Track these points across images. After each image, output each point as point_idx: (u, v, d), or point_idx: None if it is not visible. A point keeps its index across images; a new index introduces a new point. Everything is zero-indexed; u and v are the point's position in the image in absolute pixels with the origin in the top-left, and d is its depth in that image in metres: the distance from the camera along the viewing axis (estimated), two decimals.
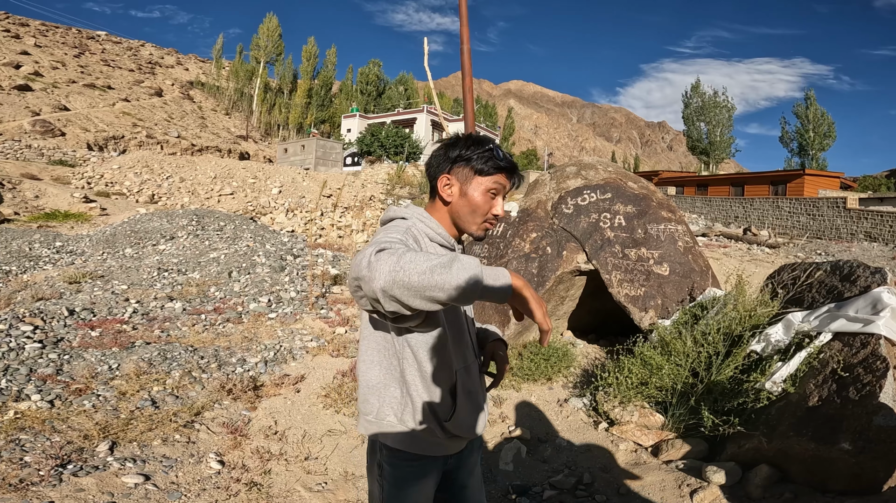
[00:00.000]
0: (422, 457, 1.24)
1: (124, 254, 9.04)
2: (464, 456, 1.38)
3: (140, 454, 2.80)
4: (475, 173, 1.25)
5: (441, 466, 1.30)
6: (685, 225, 4.53)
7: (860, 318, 2.38)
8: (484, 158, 1.24)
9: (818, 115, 36.34)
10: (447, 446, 1.27)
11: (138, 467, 2.66)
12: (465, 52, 8.63)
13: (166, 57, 67.41)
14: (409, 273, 0.90)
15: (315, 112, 51.58)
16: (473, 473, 1.43)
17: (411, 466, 1.24)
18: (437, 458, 1.27)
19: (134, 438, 2.93)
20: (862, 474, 2.01)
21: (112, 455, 2.72)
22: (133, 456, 2.76)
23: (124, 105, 38.71)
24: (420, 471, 1.25)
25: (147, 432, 3.03)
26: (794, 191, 25.96)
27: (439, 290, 0.90)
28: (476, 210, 1.25)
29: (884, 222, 19.53)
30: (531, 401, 3.97)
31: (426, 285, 0.90)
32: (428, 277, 0.90)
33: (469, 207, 1.25)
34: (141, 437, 2.96)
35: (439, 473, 1.30)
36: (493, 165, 1.24)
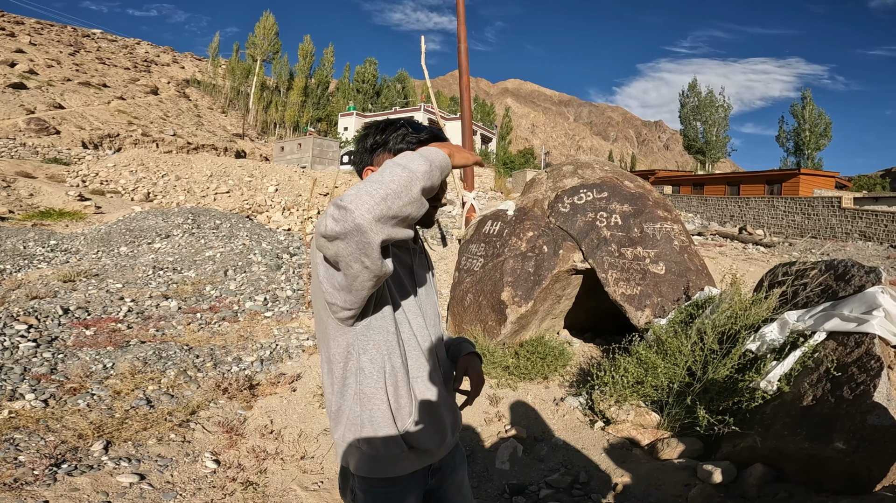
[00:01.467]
0: (394, 480, 1.16)
1: (119, 252, 9.00)
2: (446, 473, 1.30)
3: (135, 453, 2.79)
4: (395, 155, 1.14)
5: (420, 485, 1.22)
6: (681, 224, 4.54)
7: (854, 318, 2.39)
8: (399, 138, 1.17)
9: (815, 115, 36.47)
10: (414, 461, 1.19)
11: (133, 467, 2.65)
12: (462, 50, 8.61)
13: (162, 55, 67.08)
14: (383, 184, 0.88)
15: (311, 110, 51.44)
16: (461, 490, 1.36)
17: (385, 492, 1.16)
18: (413, 476, 1.19)
19: (129, 438, 2.93)
20: (856, 473, 2.02)
21: (106, 454, 2.71)
22: (128, 455, 2.75)
23: (119, 103, 38.51)
24: (396, 496, 1.17)
25: (142, 431, 3.02)
26: (789, 190, 26.06)
27: (417, 182, 0.90)
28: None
29: (878, 222, 19.63)
30: (527, 400, 3.97)
31: (404, 186, 0.89)
32: (400, 178, 0.89)
33: None
34: (136, 437, 2.96)
35: (419, 493, 1.23)
36: (412, 141, 1.16)
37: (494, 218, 5.18)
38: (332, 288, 0.99)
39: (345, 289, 0.98)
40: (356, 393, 1.12)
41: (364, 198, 0.86)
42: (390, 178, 0.89)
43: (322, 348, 1.16)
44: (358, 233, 0.86)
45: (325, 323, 1.11)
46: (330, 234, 0.87)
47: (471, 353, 1.37)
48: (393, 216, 0.88)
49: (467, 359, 1.34)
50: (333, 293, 1.00)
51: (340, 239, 0.87)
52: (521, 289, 4.47)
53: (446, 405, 1.23)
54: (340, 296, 1.00)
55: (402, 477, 1.17)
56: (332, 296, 1.01)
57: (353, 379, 1.12)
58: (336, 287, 0.99)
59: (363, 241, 0.87)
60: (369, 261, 0.89)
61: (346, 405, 1.14)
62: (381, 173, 0.90)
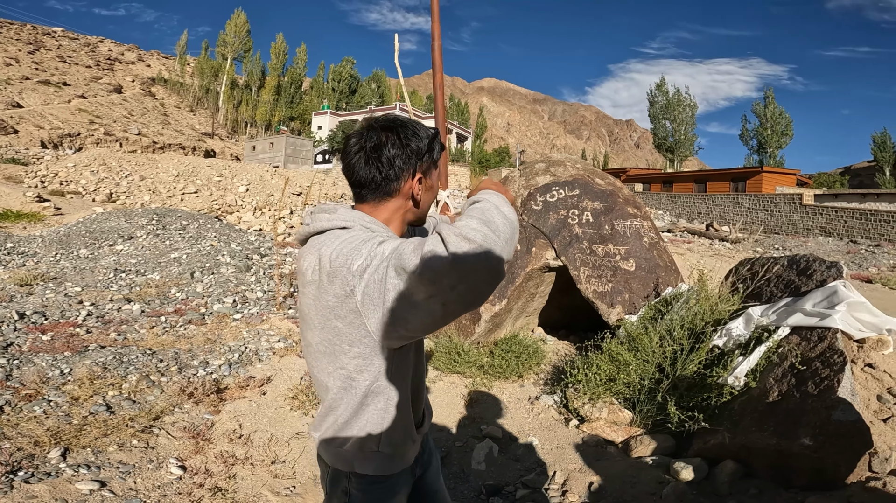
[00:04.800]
0: (394, 476, 1.17)
1: (79, 254, 8.63)
2: (425, 460, 1.33)
3: (94, 460, 2.69)
4: (433, 164, 1.16)
5: (410, 476, 1.24)
6: (650, 221, 4.60)
7: (817, 313, 2.43)
8: (439, 146, 1.16)
9: (776, 114, 37.73)
10: (415, 449, 1.23)
11: (93, 473, 2.55)
12: (436, 48, 8.55)
13: (126, 53, 64.84)
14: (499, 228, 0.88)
15: (284, 109, 50.58)
16: (438, 477, 1.40)
17: (383, 488, 1.16)
18: (405, 470, 1.20)
19: (87, 444, 2.82)
20: (823, 469, 2.03)
21: (65, 461, 2.61)
22: (87, 462, 2.65)
23: (81, 102, 37.09)
24: (390, 488, 1.18)
25: (101, 438, 2.91)
26: (753, 187, 26.93)
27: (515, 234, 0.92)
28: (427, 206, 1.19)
29: (838, 218, 20.45)
30: (503, 399, 3.96)
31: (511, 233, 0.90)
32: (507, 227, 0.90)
33: (431, 199, 1.19)
34: (95, 443, 2.85)
35: (410, 485, 1.25)
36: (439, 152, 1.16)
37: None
38: (406, 317, 0.91)
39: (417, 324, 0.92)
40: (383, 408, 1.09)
41: (494, 238, 0.86)
42: (502, 223, 0.89)
43: (326, 362, 1.09)
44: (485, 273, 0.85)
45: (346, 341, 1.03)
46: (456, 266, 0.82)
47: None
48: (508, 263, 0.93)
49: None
50: (400, 324, 0.93)
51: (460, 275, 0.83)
52: None
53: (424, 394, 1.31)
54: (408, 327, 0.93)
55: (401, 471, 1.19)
56: (398, 326, 0.93)
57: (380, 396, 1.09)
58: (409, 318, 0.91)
59: (484, 284, 0.85)
60: (478, 302, 0.89)
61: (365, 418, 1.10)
62: (489, 215, 0.89)
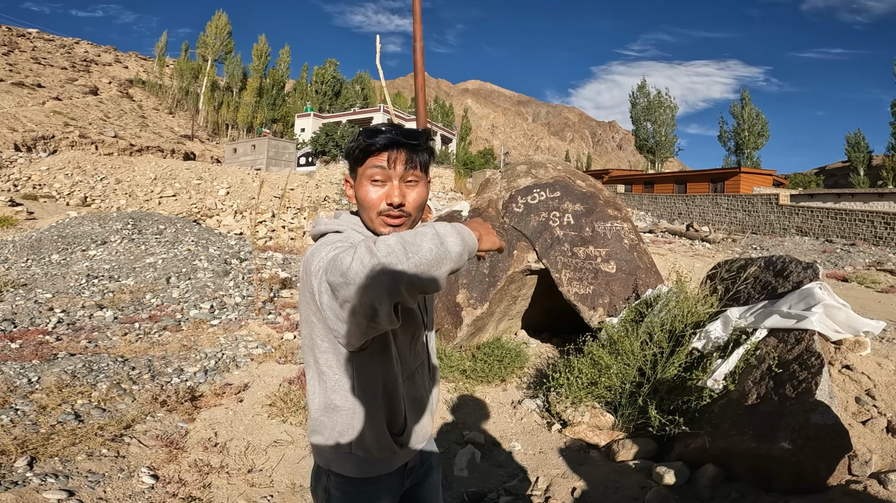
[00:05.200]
0: (373, 479, 1.15)
1: (50, 260, 8.38)
2: (421, 472, 1.29)
3: (62, 469, 2.62)
4: (357, 164, 1.14)
5: (397, 485, 1.21)
6: (630, 222, 4.61)
7: (794, 314, 2.43)
8: (355, 146, 1.13)
9: (753, 115, 38.51)
10: (398, 458, 1.19)
11: (61, 483, 2.48)
12: (417, 49, 8.52)
13: (103, 54, 63.42)
14: (420, 253, 0.84)
15: (266, 111, 50.03)
16: (437, 495, 1.35)
17: (361, 490, 1.15)
18: (390, 476, 1.18)
19: (55, 453, 2.75)
20: (803, 473, 2.01)
21: (31, 471, 2.54)
22: (55, 471, 2.58)
23: (55, 104, 36.18)
24: (371, 494, 1.16)
25: (70, 447, 2.84)
26: (731, 188, 27.42)
27: (448, 264, 0.87)
28: (365, 205, 1.12)
29: (814, 217, 20.91)
30: (485, 403, 3.91)
31: (435, 262, 0.85)
32: (435, 254, 0.85)
33: (361, 205, 1.14)
34: (63, 452, 2.78)
35: (396, 494, 1.21)
36: (363, 149, 1.11)
37: (448, 219, 5.11)
38: (336, 320, 0.93)
39: (348, 330, 0.93)
40: (350, 414, 1.10)
41: (400, 258, 0.83)
42: (428, 248, 0.85)
43: (308, 355, 1.14)
44: (378, 290, 0.83)
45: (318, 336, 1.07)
46: (350, 278, 0.84)
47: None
48: (416, 287, 0.85)
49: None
50: (337, 325, 0.94)
51: (356, 287, 0.84)
52: (476, 290, 4.41)
53: (429, 404, 1.27)
54: (343, 330, 0.94)
55: (380, 476, 1.16)
56: (336, 327, 0.95)
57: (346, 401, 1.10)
58: (339, 321, 0.93)
59: (376, 301, 0.84)
60: (377, 318, 0.87)
61: (333, 419, 1.11)
62: (419, 238, 0.86)
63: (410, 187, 1.12)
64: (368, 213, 1.12)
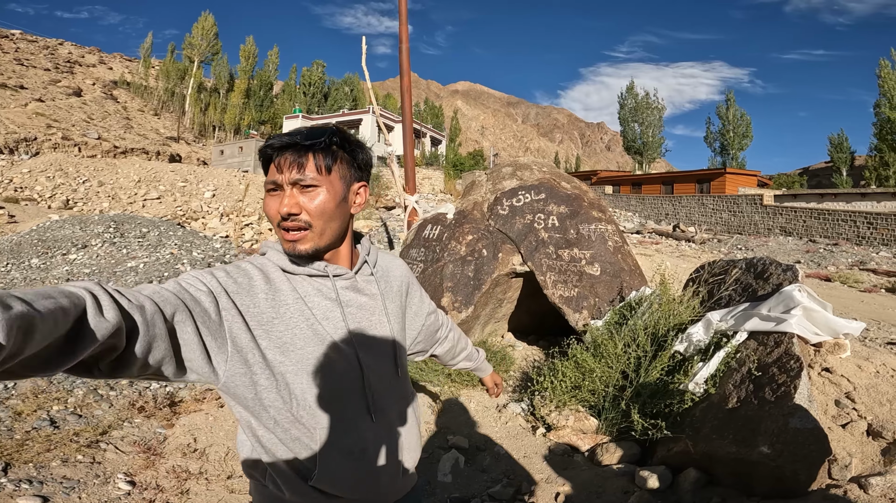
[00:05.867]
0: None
1: (30, 265, 8.20)
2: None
3: (37, 475, 2.58)
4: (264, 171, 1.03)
5: None
6: (615, 224, 4.61)
7: (773, 317, 2.43)
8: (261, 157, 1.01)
9: (737, 116, 38.97)
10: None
11: (35, 488, 2.45)
12: (403, 51, 8.48)
13: (87, 56, 62.50)
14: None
15: (254, 112, 49.63)
16: None
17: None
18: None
19: (30, 459, 2.72)
20: (784, 477, 2.00)
21: (6, 476, 2.51)
22: (29, 477, 2.54)
23: (38, 105, 35.55)
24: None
25: (44, 453, 2.81)
26: (716, 188, 27.71)
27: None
28: (268, 220, 1.00)
29: (797, 217, 21.19)
30: (470, 407, 3.88)
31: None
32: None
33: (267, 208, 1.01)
34: (37, 458, 2.74)
35: None
36: (262, 160, 1.01)
37: (434, 222, 5.07)
38: None
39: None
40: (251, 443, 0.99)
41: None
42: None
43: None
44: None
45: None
46: None
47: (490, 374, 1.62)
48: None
49: (490, 379, 1.62)
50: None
51: None
52: (461, 293, 4.38)
53: (388, 446, 1.06)
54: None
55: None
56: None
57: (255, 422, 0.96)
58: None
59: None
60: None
61: (255, 452, 1.00)
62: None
63: (308, 193, 0.96)
64: (273, 227, 1.00)
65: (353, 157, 1.05)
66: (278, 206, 0.95)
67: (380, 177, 22.68)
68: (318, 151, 0.97)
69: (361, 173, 1.07)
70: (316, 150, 0.97)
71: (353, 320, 1.02)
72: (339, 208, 0.99)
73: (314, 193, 0.96)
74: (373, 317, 1.06)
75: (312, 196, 0.96)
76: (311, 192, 0.96)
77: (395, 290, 1.16)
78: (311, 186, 0.96)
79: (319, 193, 0.96)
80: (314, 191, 0.96)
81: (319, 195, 0.96)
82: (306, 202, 0.96)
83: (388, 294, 1.13)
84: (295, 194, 0.95)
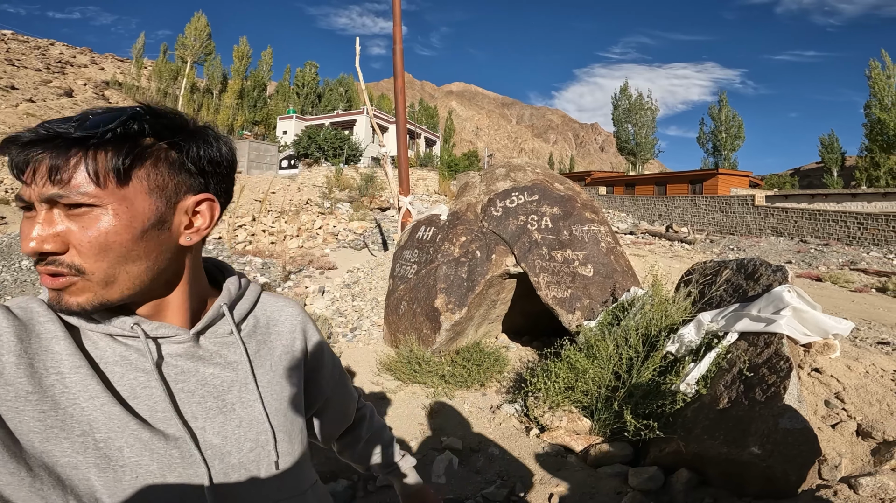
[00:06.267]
0: None
1: (20, 266, 8.12)
2: None
3: None
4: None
5: None
6: (607, 225, 4.63)
7: (763, 318, 2.45)
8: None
9: (730, 117, 39.26)
10: None
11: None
12: (397, 52, 8.49)
13: (79, 56, 62.09)
14: None
15: (247, 113, 49.48)
16: None
17: None
18: None
19: None
20: (774, 478, 2.00)
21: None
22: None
23: (29, 106, 35.28)
24: None
25: None
26: (709, 189, 27.88)
27: None
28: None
29: (789, 218, 21.34)
30: (464, 409, 3.88)
31: None
32: None
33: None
34: None
35: None
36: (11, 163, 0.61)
37: (428, 223, 5.07)
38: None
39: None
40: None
41: None
42: None
43: None
44: None
45: None
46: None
47: (415, 492, 1.08)
48: None
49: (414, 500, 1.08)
50: None
51: None
52: (454, 295, 4.38)
53: None
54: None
55: None
56: None
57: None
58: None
59: None
60: None
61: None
62: None
63: (77, 218, 0.59)
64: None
65: (182, 151, 0.65)
66: (27, 237, 0.58)
67: (374, 177, 22.68)
68: (97, 148, 0.58)
69: (204, 179, 0.68)
70: (93, 145, 0.58)
71: (191, 402, 0.68)
72: (146, 240, 0.62)
73: (88, 218, 0.59)
74: (229, 394, 0.71)
75: (85, 223, 0.59)
76: (84, 217, 0.59)
77: (279, 354, 0.81)
78: (80, 206, 0.58)
79: (99, 217, 0.59)
80: (88, 214, 0.59)
81: (99, 221, 0.59)
82: (75, 232, 0.59)
83: (264, 358, 0.78)
84: (54, 219, 0.59)
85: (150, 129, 0.62)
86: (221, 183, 0.72)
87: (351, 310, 6.30)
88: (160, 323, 0.68)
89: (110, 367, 0.64)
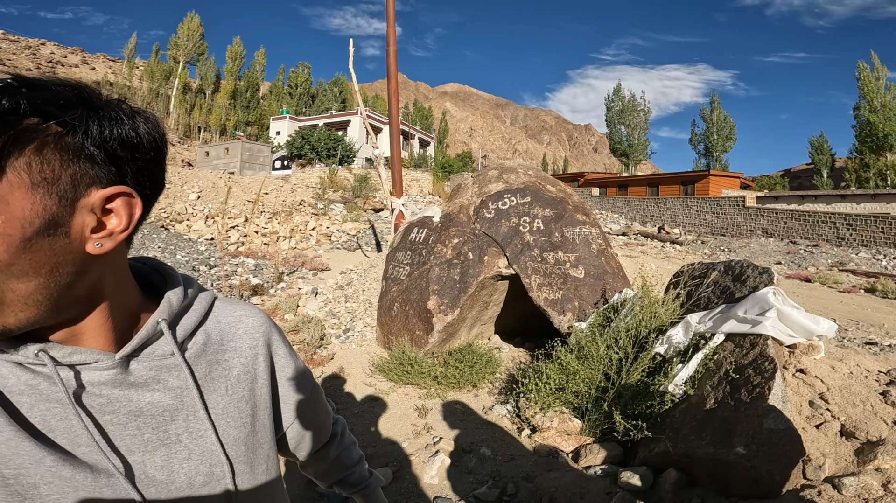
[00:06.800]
0: None
1: None
2: None
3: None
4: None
5: None
6: (598, 227, 4.67)
7: (749, 319, 2.49)
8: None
9: (721, 118, 39.60)
10: None
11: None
12: (391, 53, 8.50)
13: (70, 56, 61.62)
14: None
15: (240, 113, 49.29)
16: None
17: None
18: None
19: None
20: (759, 478, 2.03)
21: None
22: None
23: None
24: None
25: None
26: (700, 190, 28.09)
27: None
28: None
29: (779, 219, 21.55)
30: (456, 409, 3.90)
31: None
32: None
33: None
34: None
35: None
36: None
37: (420, 225, 5.09)
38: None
39: None
40: None
41: None
42: None
43: None
44: None
45: None
46: None
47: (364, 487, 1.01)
48: None
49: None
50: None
51: None
52: (447, 297, 4.40)
53: None
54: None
55: None
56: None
57: None
58: None
59: None
60: None
61: None
62: None
63: None
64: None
65: (78, 133, 0.50)
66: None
67: (368, 179, 22.65)
68: None
69: (117, 167, 0.54)
70: None
71: (124, 434, 0.59)
72: (32, 251, 0.48)
73: None
74: (173, 425, 0.63)
75: None
76: None
77: (237, 374, 0.71)
78: None
79: None
80: None
81: None
82: None
83: (218, 381, 0.68)
84: None
85: (28, 106, 0.47)
86: (143, 171, 0.57)
87: (344, 311, 6.30)
88: (74, 348, 0.57)
89: (16, 397, 0.54)
